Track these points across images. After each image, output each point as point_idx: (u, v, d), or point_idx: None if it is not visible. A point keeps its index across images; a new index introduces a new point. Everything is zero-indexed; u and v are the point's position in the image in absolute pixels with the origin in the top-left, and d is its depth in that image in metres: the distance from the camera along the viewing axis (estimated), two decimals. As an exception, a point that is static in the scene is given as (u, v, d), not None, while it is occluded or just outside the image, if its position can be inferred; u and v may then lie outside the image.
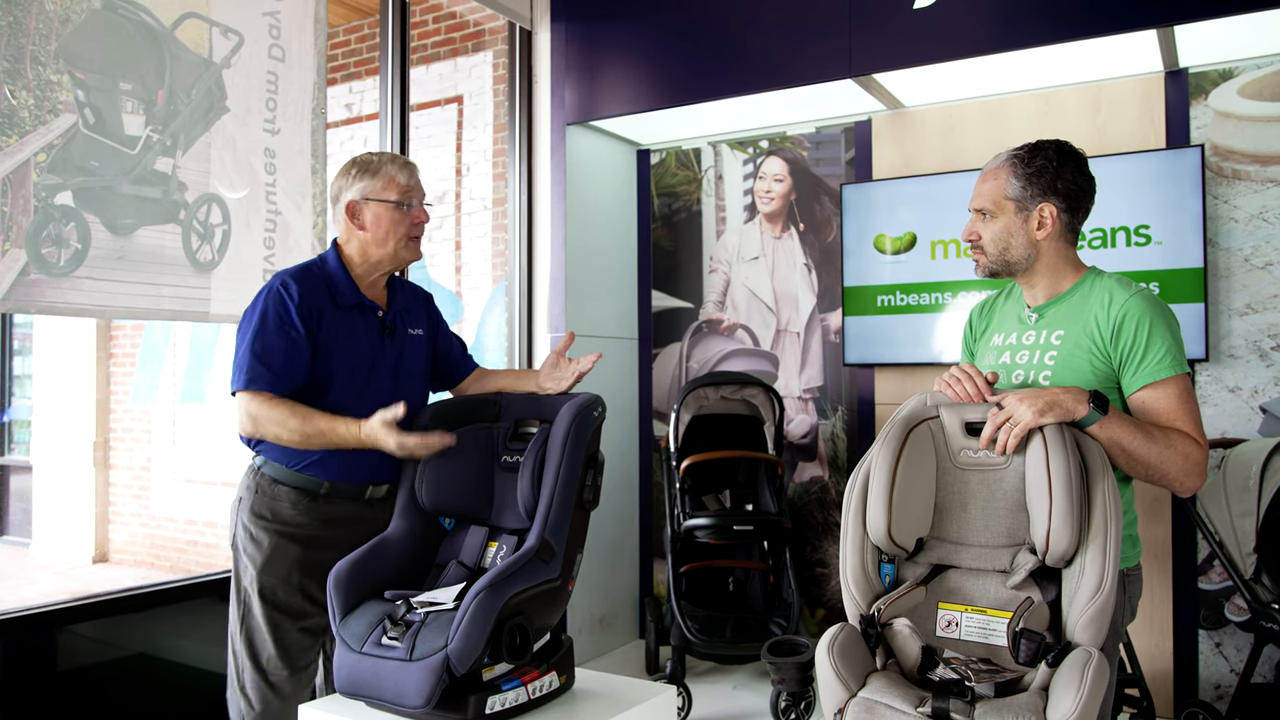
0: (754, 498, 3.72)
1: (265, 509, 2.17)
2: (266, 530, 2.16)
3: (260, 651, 2.16)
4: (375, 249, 2.23)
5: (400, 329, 2.32)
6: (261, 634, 2.16)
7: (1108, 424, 1.76)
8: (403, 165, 2.25)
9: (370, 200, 2.20)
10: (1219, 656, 3.13)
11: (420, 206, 2.27)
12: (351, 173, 2.23)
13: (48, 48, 2.39)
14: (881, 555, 1.85)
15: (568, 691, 2.07)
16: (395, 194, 2.22)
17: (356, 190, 2.21)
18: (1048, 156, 1.94)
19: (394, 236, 2.22)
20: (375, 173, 2.22)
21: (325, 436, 2.07)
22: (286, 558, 2.17)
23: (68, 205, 2.42)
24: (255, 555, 2.16)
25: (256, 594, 2.15)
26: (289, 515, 2.17)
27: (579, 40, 3.89)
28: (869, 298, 3.68)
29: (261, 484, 2.18)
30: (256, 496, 2.17)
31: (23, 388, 7.97)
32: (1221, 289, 3.13)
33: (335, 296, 2.20)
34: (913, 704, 1.58)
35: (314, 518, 2.18)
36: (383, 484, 2.26)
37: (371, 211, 2.21)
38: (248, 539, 2.18)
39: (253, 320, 2.11)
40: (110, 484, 7.27)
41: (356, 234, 2.23)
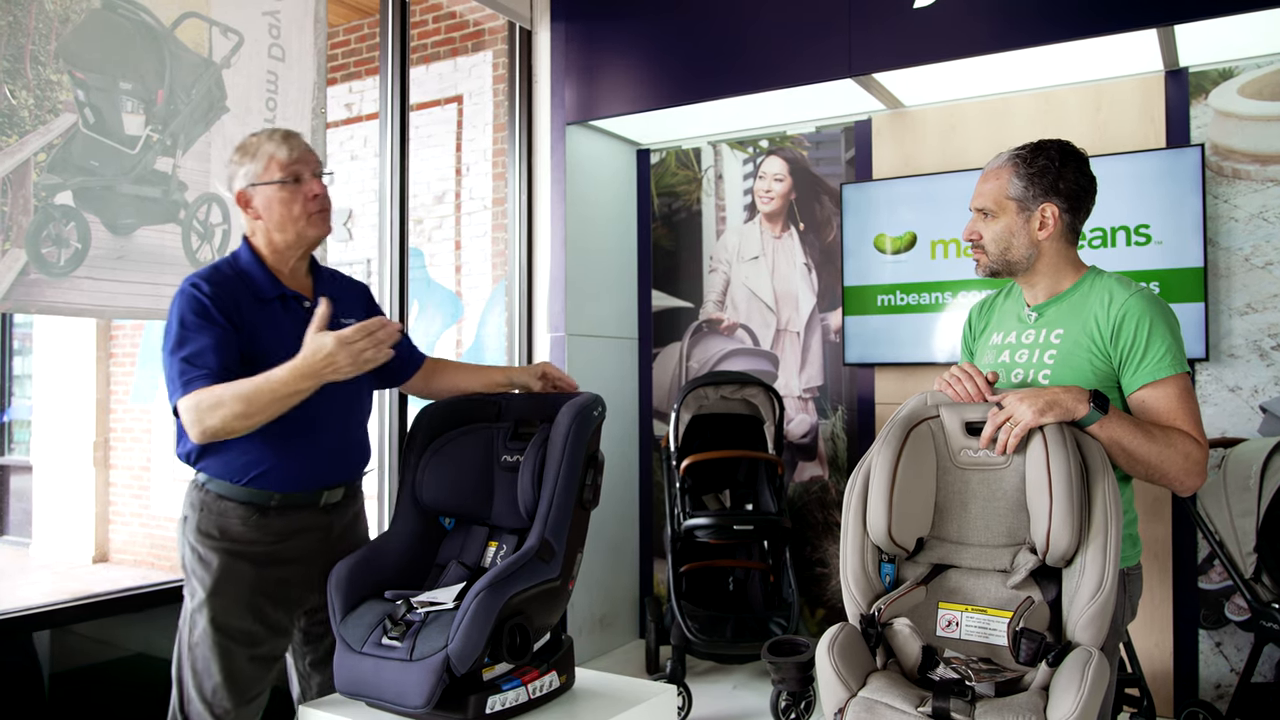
0: (754, 497, 3.72)
1: (213, 527, 2.00)
2: (215, 550, 1.99)
3: (205, 681, 1.99)
4: (277, 234, 2.06)
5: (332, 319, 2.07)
6: (207, 662, 1.99)
7: (1108, 423, 1.76)
8: (282, 140, 2.07)
9: (257, 185, 2.05)
10: (1219, 656, 3.13)
11: (314, 178, 2.09)
12: (234, 160, 2.08)
13: (47, 47, 2.39)
14: (882, 555, 1.85)
15: (568, 691, 2.07)
16: (278, 172, 2.04)
17: (242, 177, 2.06)
18: (1050, 156, 1.94)
19: (289, 217, 2.05)
20: (254, 154, 2.05)
21: (265, 392, 1.86)
22: (239, 579, 2.00)
23: (68, 205, 2.42)
24: (204, 577, 1.99)
25: (206, 619, 1.98)
26: (239, 532, 2.00)
27: (579, 40, 3.89)
28: (869, 297, 3.68)
29: (207, 501, 2.01)
30: (202, 514, 2.00)
31: (23, 387, 7.97)
32: (1222, 288, 3.13)
33: (253, 290, 2.04)
34: (913, 704, 1.58)
35: (266, 533, 2.02)
36: (338, 487, 2.13)
37: (261, 196, 2.05)
38: (195, 560, 2.00)
39: (172, 328, 1.95)
40: (110, 484, 7.28)
41: (257, 224, 2.07)
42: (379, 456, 3.42)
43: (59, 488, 7.40)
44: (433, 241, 5.09)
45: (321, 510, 2.11)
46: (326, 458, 2.08)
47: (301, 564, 2.06)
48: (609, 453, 3.69)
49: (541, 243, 4.03)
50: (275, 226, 2.06)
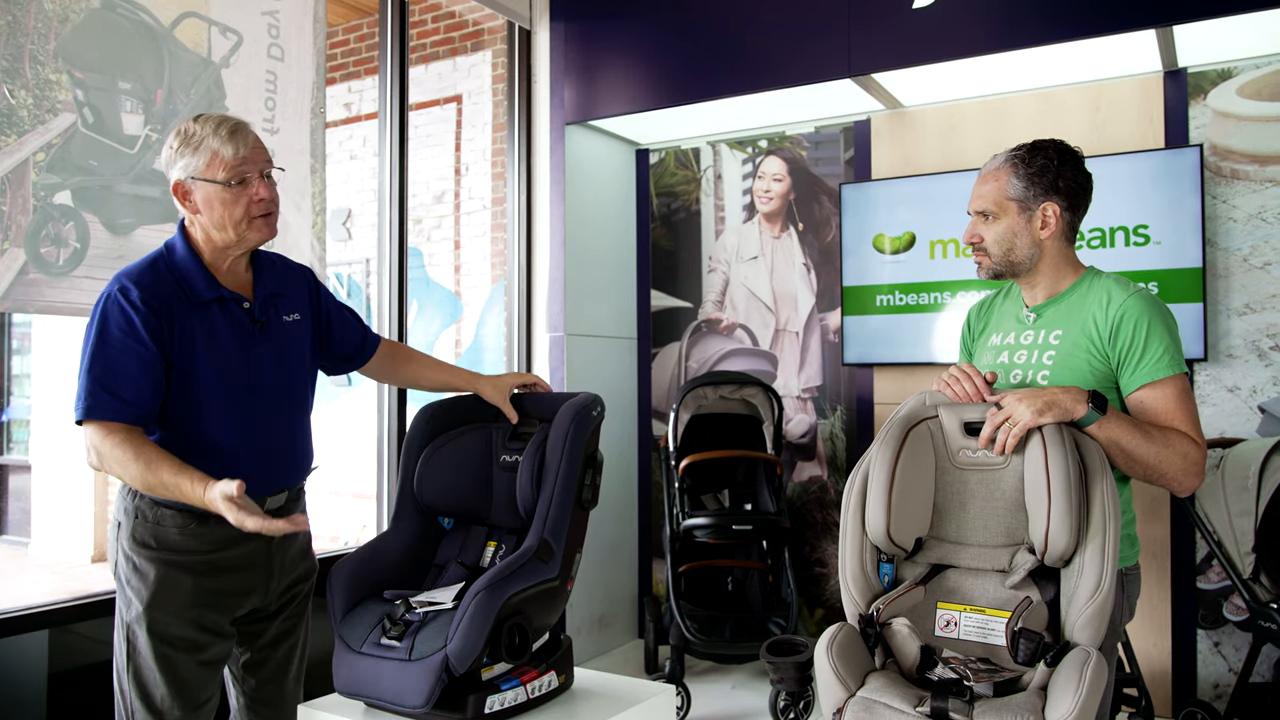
0: (753, 497, 3.73)
1: (149, 536, 1.87)
2: (152, 560, 1.87)
3: (152, 691, 1.88)
4: (216, 234, 1.90)
5: (274, 318, 2.01)
6: (151, 672, 1.88)
7: (1106, 424, 1.77)
8: (229, 135, 1.88)
9: (197, 180, 1.87)
10: (1217, 656, 3.14)
11: (260, 180, 1.91)
12: (173, 147, 1.89)
13: (47, 47, 2.39)
14: (880, 555, 1.85)
15: (567, 691, 2.07)
16: (222, 172, 1.86)
17: (181, 169, 1.87)
18: (1048, 156, 1.95)
19: (230, 220, 1.88)
20: (197, 147, 1.86)
21: (169, 491, 1.77)
22: (177, 590, 1.88)
23: (66, 205, 2.42)
24: (140, 588, 1.87)
25: (145, 630, 1.87)
26: (176, 541, 1.88)
27: (578, 40, 3.89)
28: (868, 297, 3.68)
29: (142, 507, 1.87)
30: (137, 522, 1.87)
31: (21, 387, 7.96)
32: (1220, 289, 3.13)
33: (187, 292, 1.88)
34: (911, 703, 1.58)
35: (205, 542, 1.89)
36: (280, 493, 2.01)
37: (201, 193, 1.87)
38: (130, 570, 1.88)
39: (91, 335, 1.81)
40: (109, 484, 7.27)
41: (194, 218, 1.91)
42: (377, 456, 3.42)
43: (58, 487, 7.39)
44: (432, 241, 5.09)
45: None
46: (269, 464, 1.97)
47: (242, 571, 1.95)
48: (608, 453, 3.70)
49: (540, 243, 4.03)
50: (214, 226, 1.90)
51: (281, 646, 2.07)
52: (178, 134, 1.90)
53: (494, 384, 2.20)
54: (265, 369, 1.96)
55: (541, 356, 3.99)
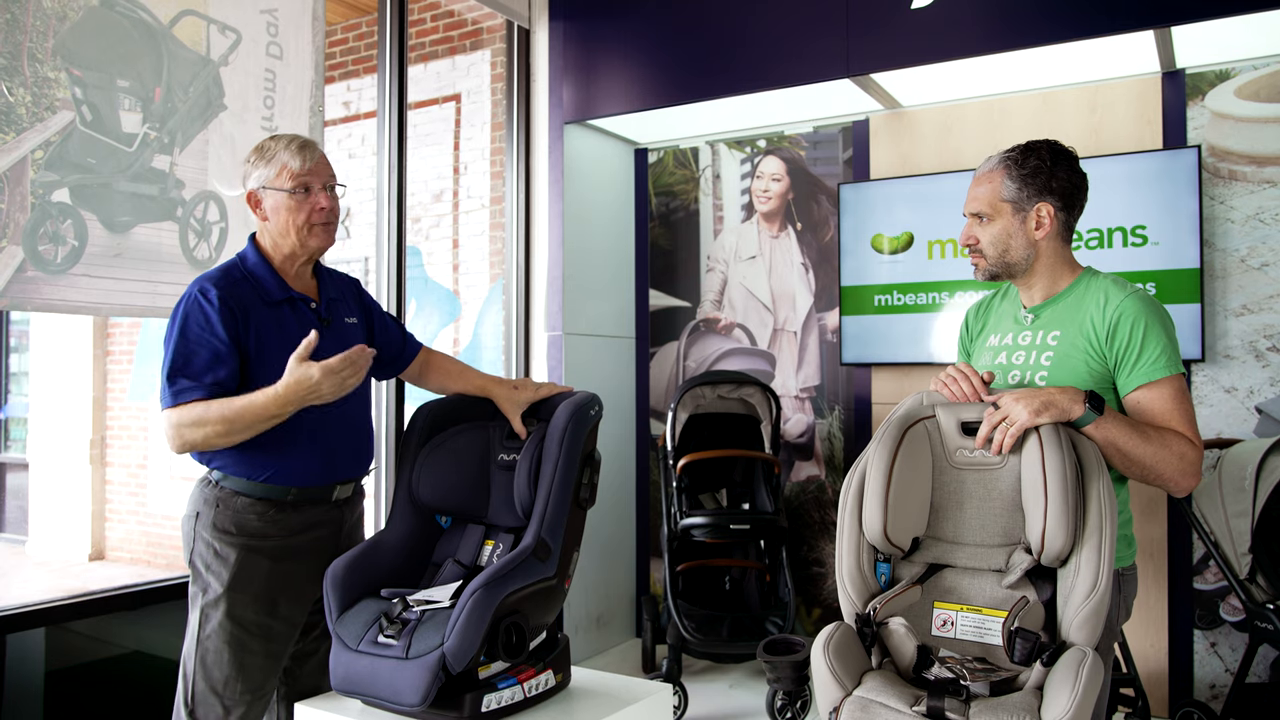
0: (751, 497, 3.73)
1: (229, 523, 2.04)
2: (233, 545, 2.03)
3: (215, 674, 2.02)
4: (281, 239, 2.11)
5: (336, 319, 2.20)
6: (220, 656, 2.02)
7: (1103, 424, 1.77)
8: (298, 150, 2.11)
9: (267, 189, 2.09)
10: (1214, 656, 3.14)
11: (323, 191, 2.12)
12: (250, 160, 2.13)
13: (45, 45, 2.39)
14: (877, 554, 1.86)
15: (564, 690, 2.07)
16: (289, 181, 2.08)
17: (255, 179, 2.11)
18: (1041, 156, 1.95)
19: (293, 226, 2.09)
20: (269, 160, 2.10)
21: (247, 415, 1.94)
22: (257, 572, 2.04)
23: (65, 202, 2.42)
24: (221, 571, 2.03)
25: (222, 612, 2.02)
26: (256, 527, 2.05)
27: (577, 39, 3.89)
28: (866, 297, 3.69)
29: (222, 497, 2.05)
30: (218, 510, 2.04)
31: (19, 385, 7.96)
32: (1218, 289, 3.13)
33: (261, 293, 2.09)
34: (908, 703, 1.58)
35: (282, 528, 2.07)
36: (349, 483, 2.19)
37: (270, 201, 2.09)
38: (211, 555, 2.04)
39: (173, 334, 2.00)
40: (107, 481, 7.27)
41: (264, 225, 2.13)
42: (376, 454, 3.42)
43: (55, 485, 7.39)
44: (430, 240, 5.09)
45: (334, 505, 2.16)
46: (338, 453, 2.12)
47: (314, 558, 2.09)
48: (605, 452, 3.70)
49: (539, 242, 4.03)
50: (279, 232, 2.10)
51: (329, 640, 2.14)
52: (255, 150, 2.13)
53: (510, 399, 2.24)
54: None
55: (540, 355, 3.99)
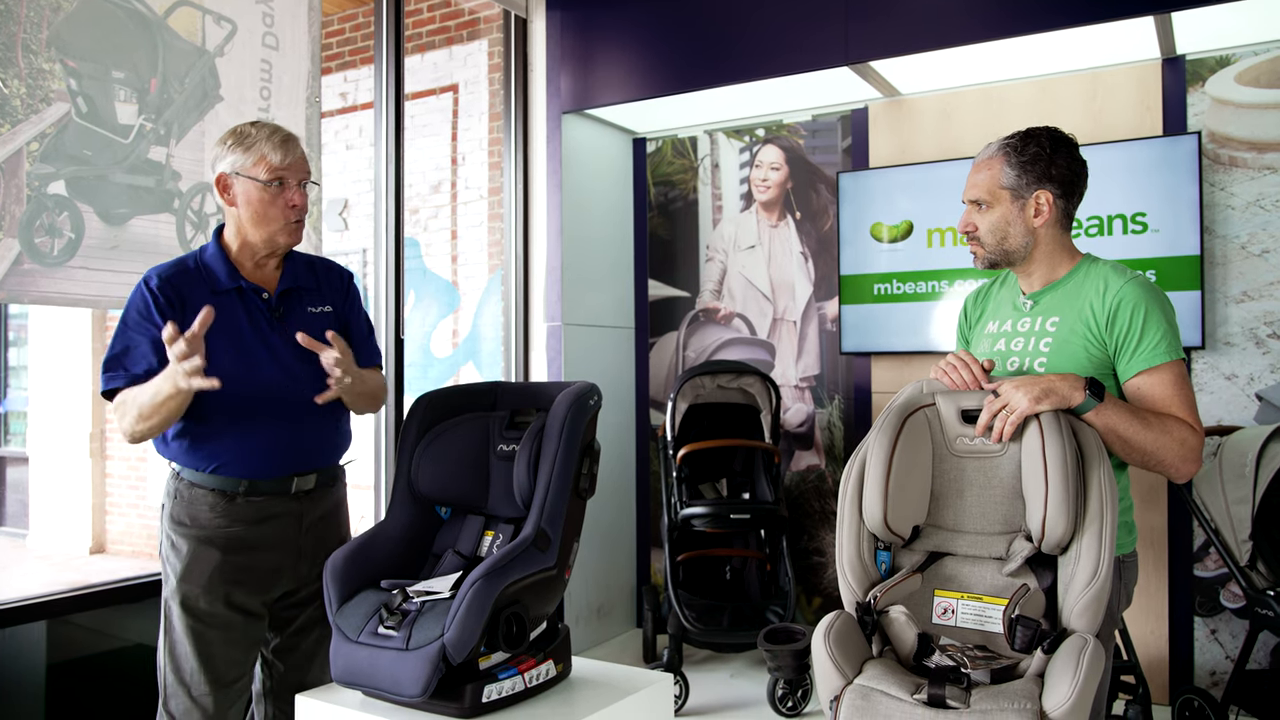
0: (751, 486, 3.73)
1: (184, 514, 2.05)
2: (186, 536, 2.04)
3: (183, 665, 2.04)
4: (249, 229, 2.07)
5: (296, 309, 2.15)
6: (184, 647, 2.04)
7: (1104, 411, 1.76)
8: (280, 143, 2.07)
9: (240, 176, 2.04)
10: (1214, 643, 3.14)
11: (298, 188, 2.08)
12: (226, 143, 2.07)
13: (39, 36, 2.37)
14: (878, 543, 1.85)
15: (564, 680, 2.07)
16: (265, 173, 2.04)
17: (228, 163, 2.05)
18: (1040, 144, 1.94)
19: (264, 219, 2.06)
20: (248, 148, 2.05)
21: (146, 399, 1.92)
22: (206, 564, 2.04)
23: (61, 195, 2.41)
24: (175, 563, 2.05)
25: (178, 604, 2.04)
26: (207, 519, 2.05)
27: (574, 28, 3.87)
28: (865, 286, 3.68)
29: (180, 489, 2.06)
30: (176, 502, 2.06)
31: (18, 378, 7.96)
32: (1218, 276, 3.13)
33: (210, 282, 2.06)
34: (909, 691, 1.58)
35: (234, 520, 2.06)
36: (309, 474, 2.14)
37: (241, 188, 2.05)
38: (169, 547, 2.06)
39: (118, 323, 2.02)
40: (107, 475, 7.27)
41: (230, 210, 2.08)
42: (374, 446, 3.41)
43: (55, 479, 7.40)
44: (428, 231, 5.08)
45: (292, 498, 2.12)
46: (291, 445, 2.09)
47: (272, 550, 2.08)
48: (605, 442, 3.70)
49: (538, 232, 4.02)
50: (248, 221, 2.07)
51: (311, 634, 2.19)
52: (233, 133, 2.08)
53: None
54: (279, 355, 2.09)
55: (539, 346, 3.99)
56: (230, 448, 2.04)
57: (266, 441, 2.07)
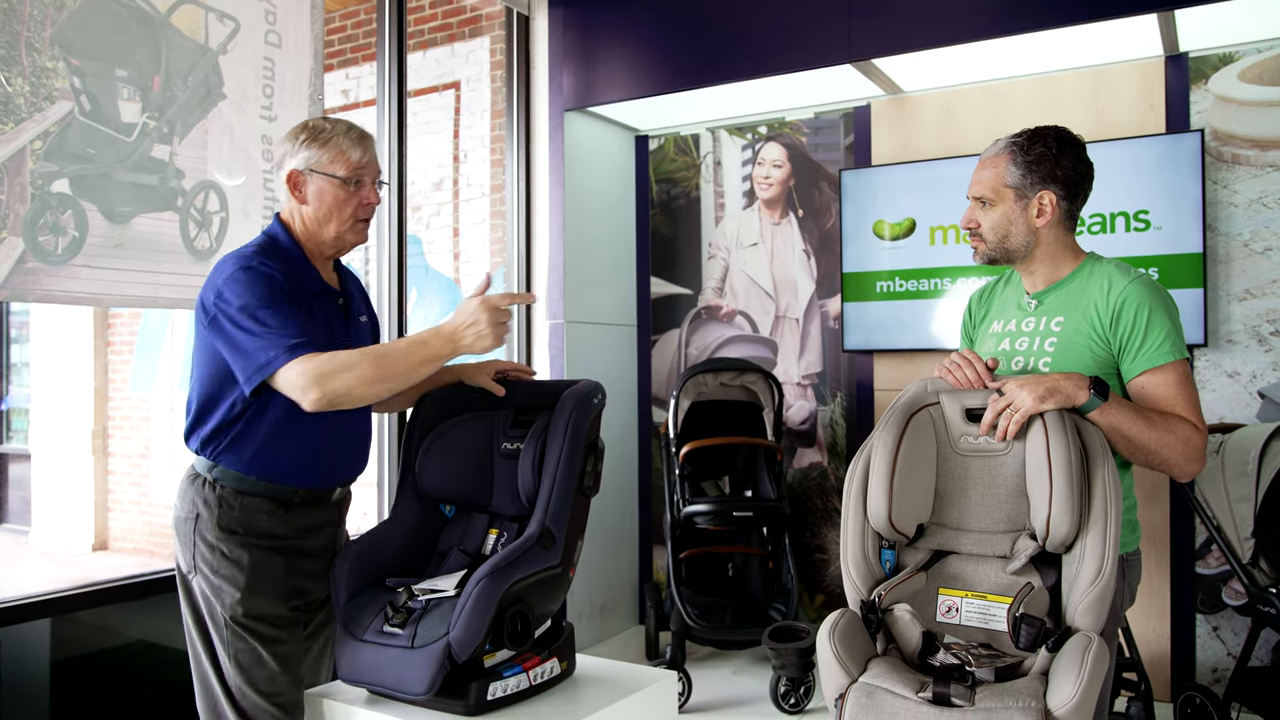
0: (753, 484, 3.73)
1: (236, 523, 1.93)
2: (244, 546, 1.93)
3: (257, 674, 1.92)
4: (318, 228, 2.00)
5: (354, 317, 2.12)
6: (255, 654, 1.93)
7: (1108, 410, 1.77)
8: (357, 139, 2.01)
9: (316, 173, 1.97)
10: (1216, 640, 3.15)
11: (372, 187, 2.03)
12: (300, 138, 1.99)
13: (43, 34, 2.37)
14: (882, 541, 1.86)
15: (569, 678, 2.07)
16: (344, 170, 1.98)
17: (301, 159, 1.98)
18: (1047, 144, 1.94)
19: (338, 217, 2.00)
20: (325, 143, 1.98)
21: (401, 355, 1.83)
22: (273, 572, 1.96)
23: (64, 193, 2.41)
24: (235, 574, 1.92)
25: (242, 616, 1.92)
26: (266, 527, 1.96)
27: (577, 25, 3.87)
28: (868, 284, 3.68)
29: (225, 496, 1.94)
30: (221, 511, 1.93)
31: (20, 376, 7.96)
32: (1221, 274, 3.13)
33: (302, 280, 1.98)
34: (913, 689, 1.58)
35: (291, 528, 1.99)
36: (347, 484, 2.13)
37: (315, 185, 1.98)
38: (219, 559, 1.92)
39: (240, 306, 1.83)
40: (109, 472, 7.28)
41: (299, 209, 2.00)
42: (378, 445, 3.42)
43: (58, 476, 7.40)
44: (431, 228, 5.08)
45: (333, 506, 2.10)
46: (343, 454, 2.07)
47: (317, 559, 2.05)
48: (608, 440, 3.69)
49: (540, 230, 4.02)
50: (319, 219, 2.00)
51: (322, 636, 2.16)
52: (305, 128, 2.00)
53: (476, 366, 2.21)
54: None
55: (541, 344, 3.99)
56: (293, 455, 1.97)
57: (325, 450, 2.02)
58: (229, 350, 1.85)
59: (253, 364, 1.81)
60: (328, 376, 1.78)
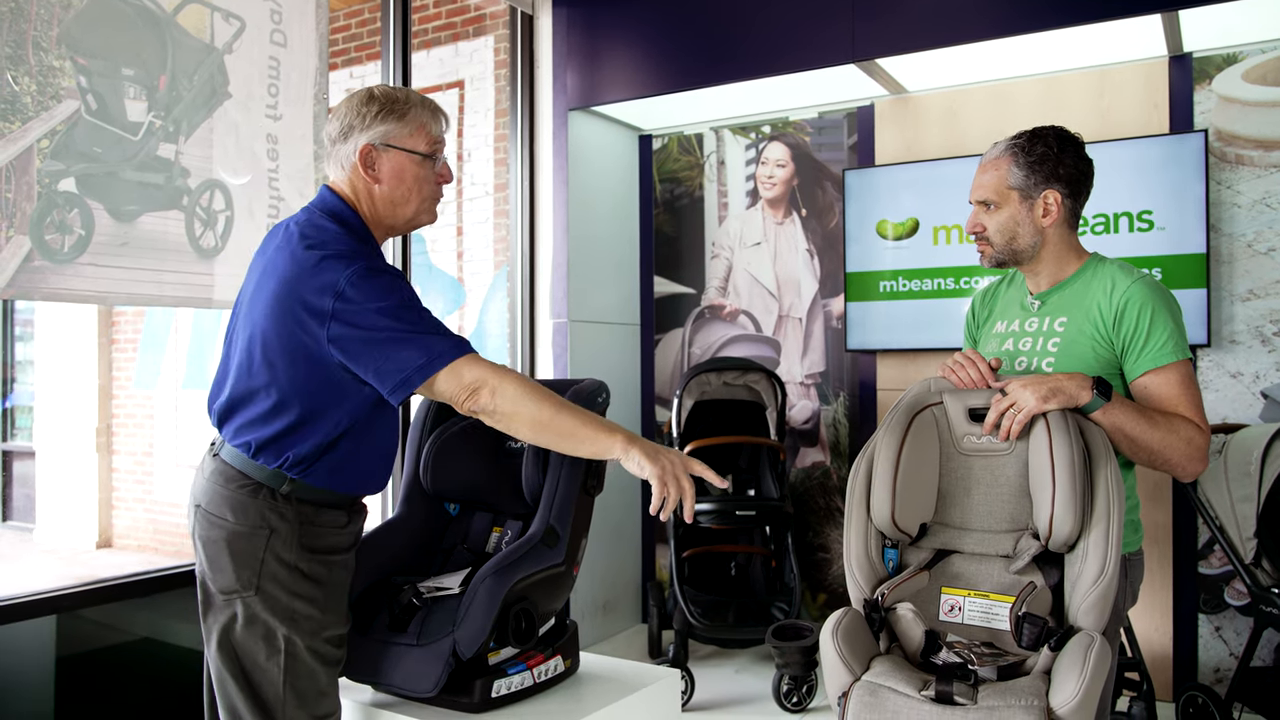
0: (756, 483, 3.74)
1: (317, 541, 1.77)
2: (326, 564, 1.78)
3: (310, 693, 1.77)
4: (391, 209, 1.82)
5: None
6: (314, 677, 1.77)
7: (1111, 410, 1.77)
8: (434, 111, 1.84)
9: (393, 148, 1.79)
10: (1218, 640, 3.15)
11: (446, 163, 1.88)
12: (371, 110, 1.79)
13: (49, 33, 2.38)
14: (885, 540, 1.86)
15: (572, 675, 2.08)
16: (425, 145, 1.81)
17: (377, 133, 1.78)
18: (1048, 143, 1.94)
19: (417, 196, 1.82)
20: (403, 115, 1.79)
21: (581, 435, 1.71)
22: (344, 590, 1.84)
23: (71, 192, 2.42)
24: (316, 595, 1.76)
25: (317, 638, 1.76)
26: (337, 542, 1.81)
27: (580, 24, 3.88)
28: (871, 283, 3.68)
29: (304, 513, 1.76)
30: (303, 528, 1.75)
31: (25, 373, 7.98)
32: (1224, 274, 3.13)
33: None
34: (916, 687, 1.59)
35: (349, 539, 1.86)
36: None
37: (392, 163, 1.79)
38: (299, 579, 1.74)
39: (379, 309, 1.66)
40: (113, 469, 7.29)
41: (370, 187, 1.81)
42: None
43: (62, 473, 7.42)
44: (434, 227, 5.09)
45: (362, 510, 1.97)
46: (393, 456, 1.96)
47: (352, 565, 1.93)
48: (611, 438, 3.69)
49: (543, 229, 4.02)
50: (395, 199, 1.82)
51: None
52: (377, 98, 1.80)
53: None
54: None
55: (545, 343, 3.99)
56: (374, 463, 1.84)
57: (393, 451, 1.91)
58: (368, 355, 1.66)
59: (409, 366, 1.65)
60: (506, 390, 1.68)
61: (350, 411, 1.74)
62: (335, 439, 1.75)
